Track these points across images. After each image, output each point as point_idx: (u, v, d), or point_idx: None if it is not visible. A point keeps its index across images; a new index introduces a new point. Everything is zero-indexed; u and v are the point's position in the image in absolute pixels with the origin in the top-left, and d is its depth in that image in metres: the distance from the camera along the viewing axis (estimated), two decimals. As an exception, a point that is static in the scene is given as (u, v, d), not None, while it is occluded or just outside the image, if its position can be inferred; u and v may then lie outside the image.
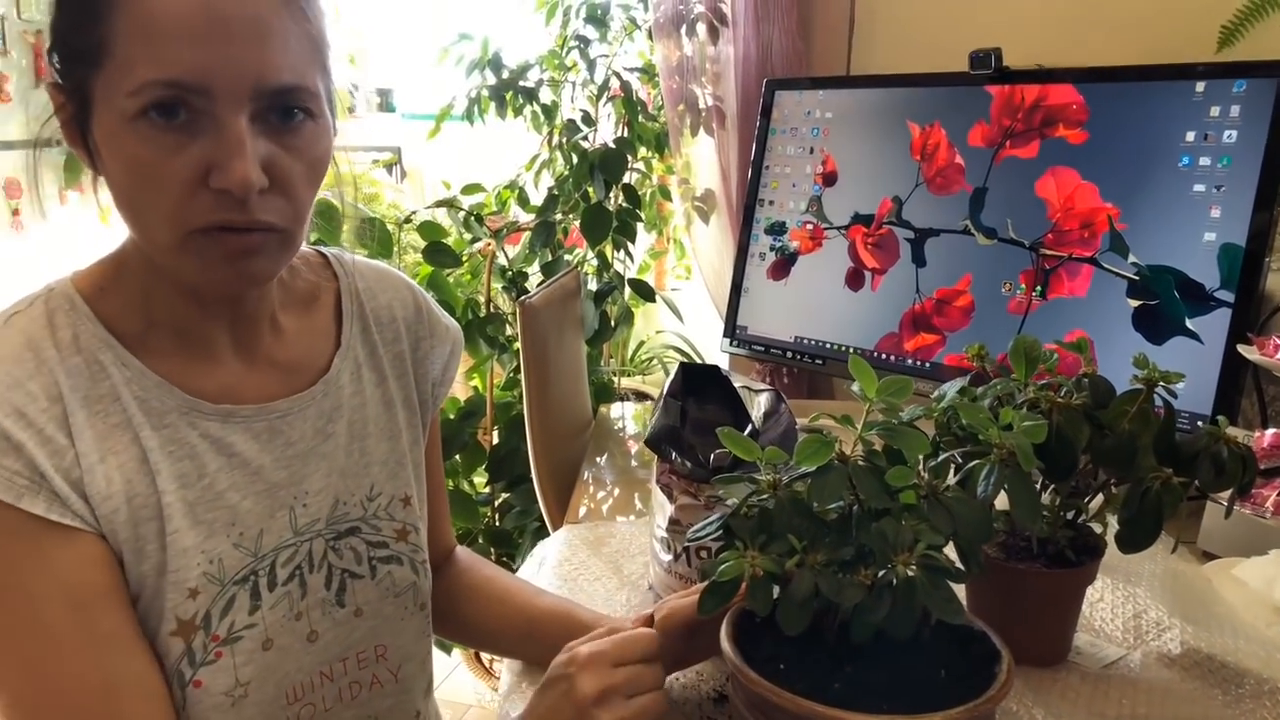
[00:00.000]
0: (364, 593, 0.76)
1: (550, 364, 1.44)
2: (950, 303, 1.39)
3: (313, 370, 0.76)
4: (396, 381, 0.81)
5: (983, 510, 0.69)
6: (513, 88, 2.03)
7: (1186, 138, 1.20)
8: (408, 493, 0.80)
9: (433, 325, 0.85)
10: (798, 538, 0.68)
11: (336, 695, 0.75)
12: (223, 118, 0.59)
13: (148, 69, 0.57)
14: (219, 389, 0.70)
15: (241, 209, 0.60)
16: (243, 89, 0.59)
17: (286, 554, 0.72)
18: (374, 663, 0.77)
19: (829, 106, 1.57)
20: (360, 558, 0.76)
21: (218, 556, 0.68)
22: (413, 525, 0.80)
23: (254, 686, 0.69)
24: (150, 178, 0.60)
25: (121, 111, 0.59)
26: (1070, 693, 0.83)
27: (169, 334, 0.69)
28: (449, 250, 1.71)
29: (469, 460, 1.94)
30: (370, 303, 0.81)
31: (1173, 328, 1.19)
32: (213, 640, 0.67)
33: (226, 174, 0.59)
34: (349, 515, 0.76)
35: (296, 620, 0.72)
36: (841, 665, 0.70)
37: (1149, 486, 0.78)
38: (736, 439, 0.72)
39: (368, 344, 0.80)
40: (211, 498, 0.68)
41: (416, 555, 0.80)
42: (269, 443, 0.72)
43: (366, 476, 0.78)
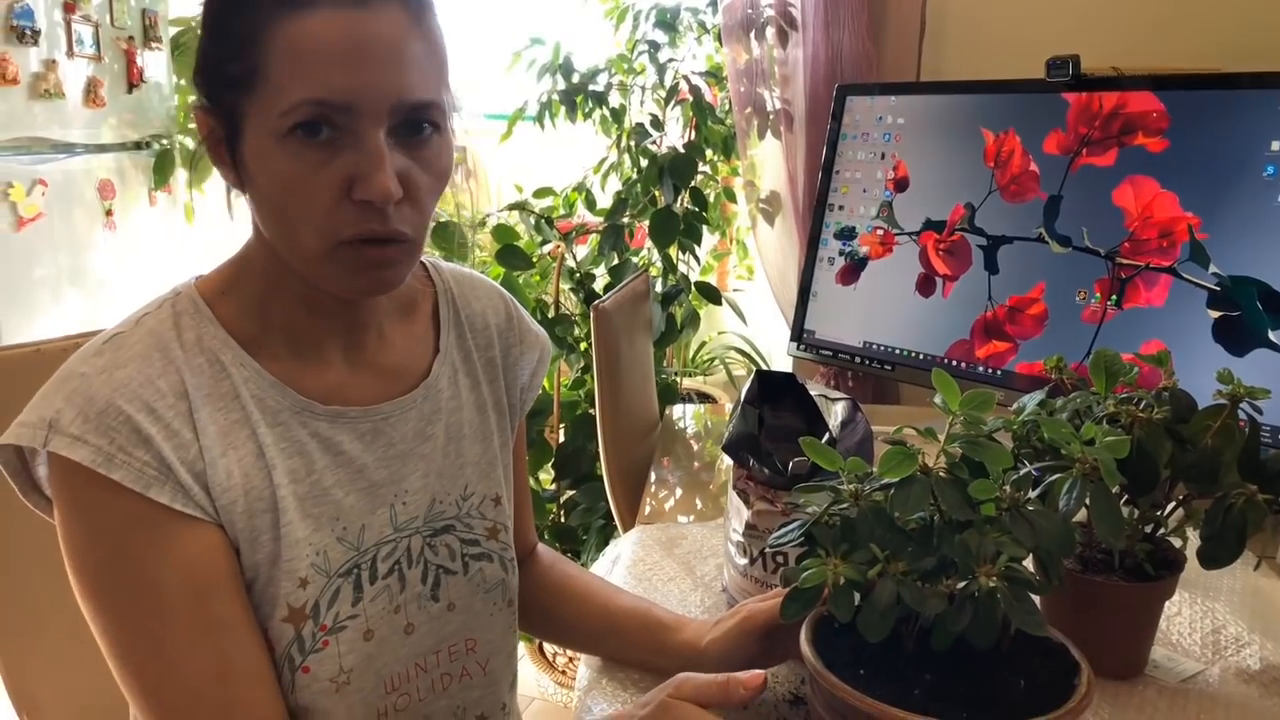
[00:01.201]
0: (456, 588, 0.80)
1: (621, 366, 1.47)
2: (1023, 310, 1.39)
3: (414, 375, 0.80)
4: (489, 386, 0.85)
5: (1065, 524, 0.69)
6: (583, 91, 2.06)
7: (1271, 147, 1.18)
8: (498, 493, 0.84)
9: (523, 332, 0.89)
10: (880, 547, 0.70)
11: (430, 686, 0.78)
12: (363, 133, 0.63)
13: (298, 90, 0.62)
14: (328, 391, 0.74)
15: (382, 220, 0.65)
16: (382, 106, 0.63)
17: (387, 549, 0.76)
18: (464, 655, 0.81)
19: (901, 112, 1.57)
20: (454, 554, 0.80)
21: (323, 549, 0.72)
22: (503, 524, 0.84)
23: (356, 675, 0.73)
24: (299, 191, 0.64)
25: (273, 130, 0.63)
26: (1147, 706, 0.83)
27: (283, 338, 0.73)
28: (520, 253, 1.75)
29: (536, 458, 1.98)
30: (465, 310, 0.85)
31: (1255, 339, 1.17)
32: (320, 629, 0.71)
33: (369, 186, 0.63)
34: (445, 514, 0.80)
35: (395, 613, 0.76)
36: (921, 673, 0.71)
37: (1232, 503, 0.78)
38: (818, 448, 0.74)
39: (463, 349, 0.84)
40: (319, 493, 0.72)
41: (505, 553, 0.83)
42: (372, 443, 0.75)
43: (461, 477, 0.81)
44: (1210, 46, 1.57)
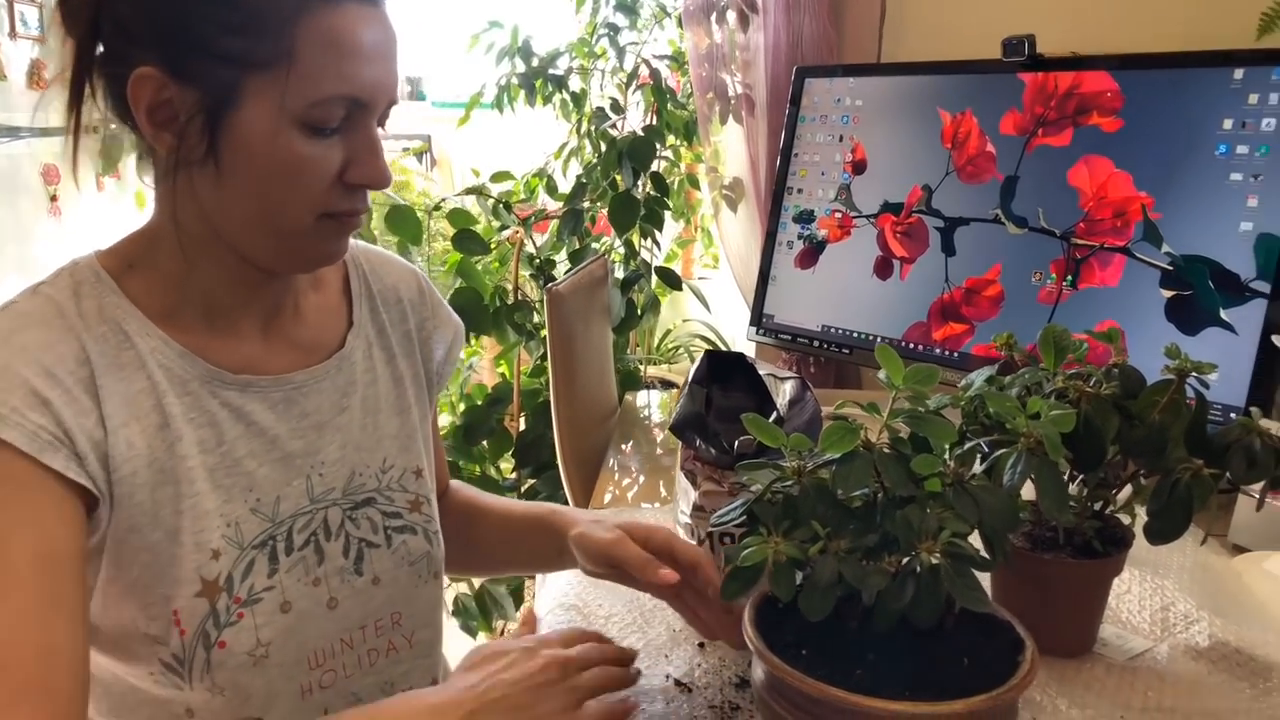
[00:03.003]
0: (380, 561, 0.79)
1: (577, 351, 1.45)
2: (980, 292, 1.38)
3: (328, 347, 0.80)
4: (405, 360, 0.86)
5: (1009, 499, 0.68)
6: (542, 75, 2.04)
7: (1224, 126, 1.18)
8: (419, 465, 0.84)
9: (435, 307, 0.90)
10: (821, 524, 0.68)
11: (356, 662, 0.78)
12: (365, 124, 0.68)
13: (334, 84, 0.65)
14: (240, 362, 0.74)
15: (365, 199, 0.71)
16: (384, 103, 0.69)
17: (303, 520, 0.75)
18: (390, 629, 0.80)
19: (859, 94, 1.56)
20: (376, 527, 0.80)
21: (235, 521, 0.71)
22: (425, 496, 0.84)
23: (275, 648, 0.72)
24: (301, 172, 0.67)
25: (293, 114, 0.65)
26: (1095, 684, 0.82)
27: (197, 312, 0.73)
28: (477, 237, 1.72)
29: (496, 446, 1.95)
30: (377, 284, 0.86)
31: (1206, 318, 1.17)
32: (235, 602, 0.70)
33: (370, 172, 0.68)
34: (365, 486, 0.80)
35: (315, 586, 0.75)
36: (864, 652, 0.70)
37: (1179, 478, 0.78)
38: (761, 425, 0.72)
39: (376, 323, 0.84)
40: (230, 464, 0.72)
41: (429, 526, 0.83)
42: (285, 413, 0.75)
43: (380, 450, 0.81)
44: (1167, 32, 1.57)
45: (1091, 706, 0.79)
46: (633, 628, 0.91)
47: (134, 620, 0.69)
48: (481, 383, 2.06)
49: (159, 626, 0.69)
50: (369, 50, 0.65)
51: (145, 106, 0.66)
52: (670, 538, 0.81)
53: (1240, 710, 0.79)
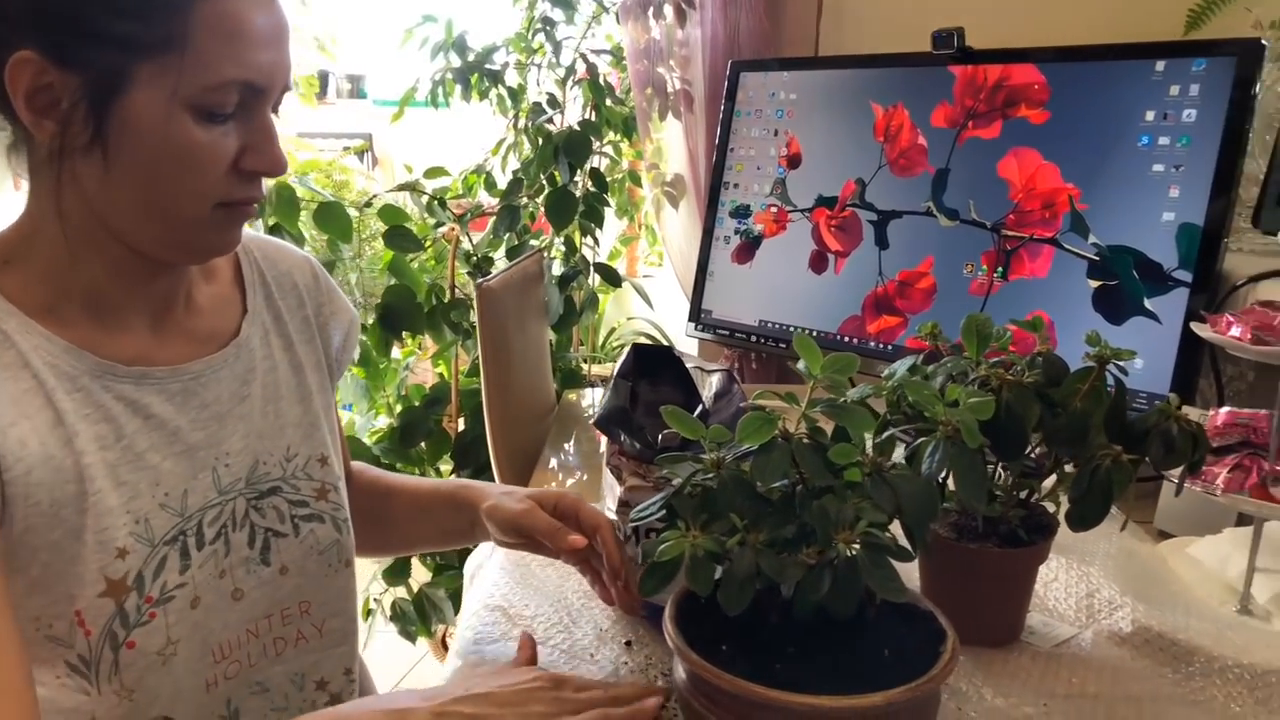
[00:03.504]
0: (288, 550, 0.78)
1: (510, 348, 1.42)
2: (912, 285, 1.39)
3: (223, 336, 0.78)
4: (305, 346, 0.84)
5: (928, 488, 0.68)
6: (478, 70, 2.01)
7: (1146, 117, 1.20)
8: (324, 453, 0.82)
9: (330, 294, 0.88)
10: (740, 517, 0.67)
11: (261, 651, 0.77)
12: (260, 110, 0.67)
13: (230, 69, 0.63)
14: (132, 354, 0.71)
15: (259, 187, 0.70)
16: (280, 88, 0.68)
17: (213, 513, 0.73)
18: (298, 618, 0.79)
19: (793, 88, 1.56)
20: (283, 516, 0.78)
21: (144, 517, 0.69)
22: (332, 484, 0.82)
23: (182, 644, 0.70)
24: (194, 159, 0.65)
25: (186, 100, 0.63)
26: (1021, 672, 0.82)
27: (80, 306, 0.70)
28: (410, 234, 1.68)
29: (434, 447, 1.92)
30: (270, 271, 0.84)
31: (1132, 308, 1.19)
32: (146, 601, 0.68)
33: (265, 159, 0.67)
34: (269, 475, 0.78)
35: (221, 578, 0.73)
36: (785, 646, 0.69)
37: (1099, 465, 0.78)
38: (680, 417, 0.71)
39: (273, 310, 0.83)
40: (132, 459, 0.69)
41: (338, 513, 0.82)
42: (184, 404, 0.73)
43: (282, 438, 0.80)
44: (1097, 28, 1.59)
45: (1016, 695, 0.78)
46: (558, 627, 0.90)
47: (36, 621, 0.67)
48: (419, 383, 2.02)
49: (62, 627, 0.67)
50: (263, 35, 0.64)
51: (24, 92, 0.63)
52: (577, 502, 0.84)
53: (1162, 695, 0.79)
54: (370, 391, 1.97)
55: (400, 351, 2.06)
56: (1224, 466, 0.87)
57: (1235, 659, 0.83)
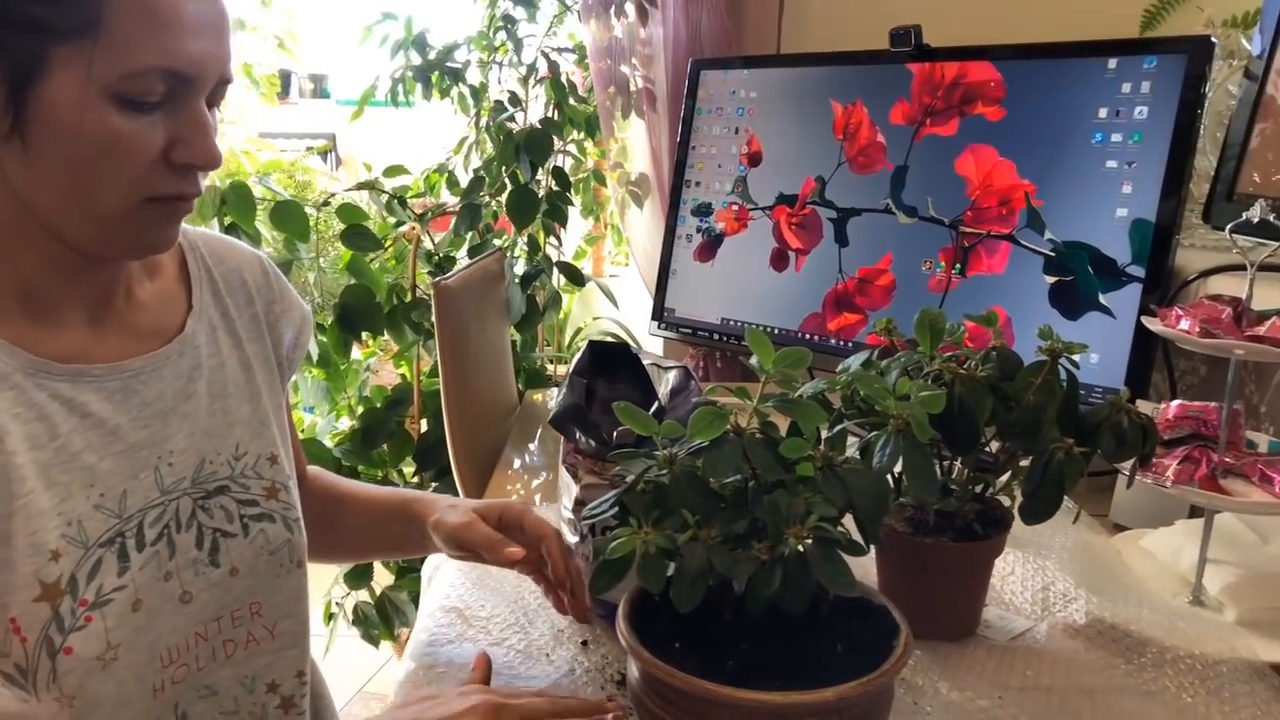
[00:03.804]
0: (238, 551, 0.76)
1: (470, 347, 1.41)
2: (872, 282, 1.39)
3: (166, 332, 0.76)
4: (254, 344, 0.82)
5: (879, 481, 0.68)
6: (439, 68, 1.99)
7: (1099, 114, 1.21)
8: (274, 451, 0.80)
9: (282, 291, 0.87)
10: (692, 513, 0.67)
11: (210, 654, 0.74)
12: (191, 101, 0.65)
13: (151, 56, 0.61)
14: (69, 351, 0.69)
15: (194, 182, 0.67)
16: (212, 79, 0.65)
17: (154, 514, 0.71)
18: (249, 620, 0.77)
19: (753, 86, 1.56)
20: (231, 516, 0.76)
21: (77, 519, 0.67)
22: (282, 483, 0.80)
23: (125, 649, 0.68)
24: (119, 150, 0.63)
25: (106, 87, 0.61)
26: (976, 665, 0.82)
27: (13, 301, 0.68)
28: (369, 233, 1.66)
29: (396, 449, 1.90)
30: (218, 268, 0.82)
31: (1087, 303, 1.20)
32: (81, 605, 0.66)
33: (196, 152, 0.65)
34: (216, 474, 0.76)
35: (166, 581, 0.71)
36: (739, 643, 0.68)
37: (1051, 458, 0.78)
38: (632, 413, 0.70)
39: (220, 307, 0.81)
40: (66, 459, 0.67)
41: (289, 513, 0.80)
42: (124, 403, 0.71)
43: (231, 436, 0.78)
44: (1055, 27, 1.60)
45: (971, 688, 0.79)
46: (514, 628, 0.89)
47: None
48: (381, 384, 2.00)
49: None
50: (190, 22, 0.62)
51: None
52: (523, 512, 0.84)
53: (1115, 686, 0.80)
54: (331, 393, 1.94)
55: (361, 353, 2.04)
56: (1174, 459, 0.88)
57: (1187, 649, 0.83)
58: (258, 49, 3.02)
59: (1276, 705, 0.77)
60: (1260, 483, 0.87)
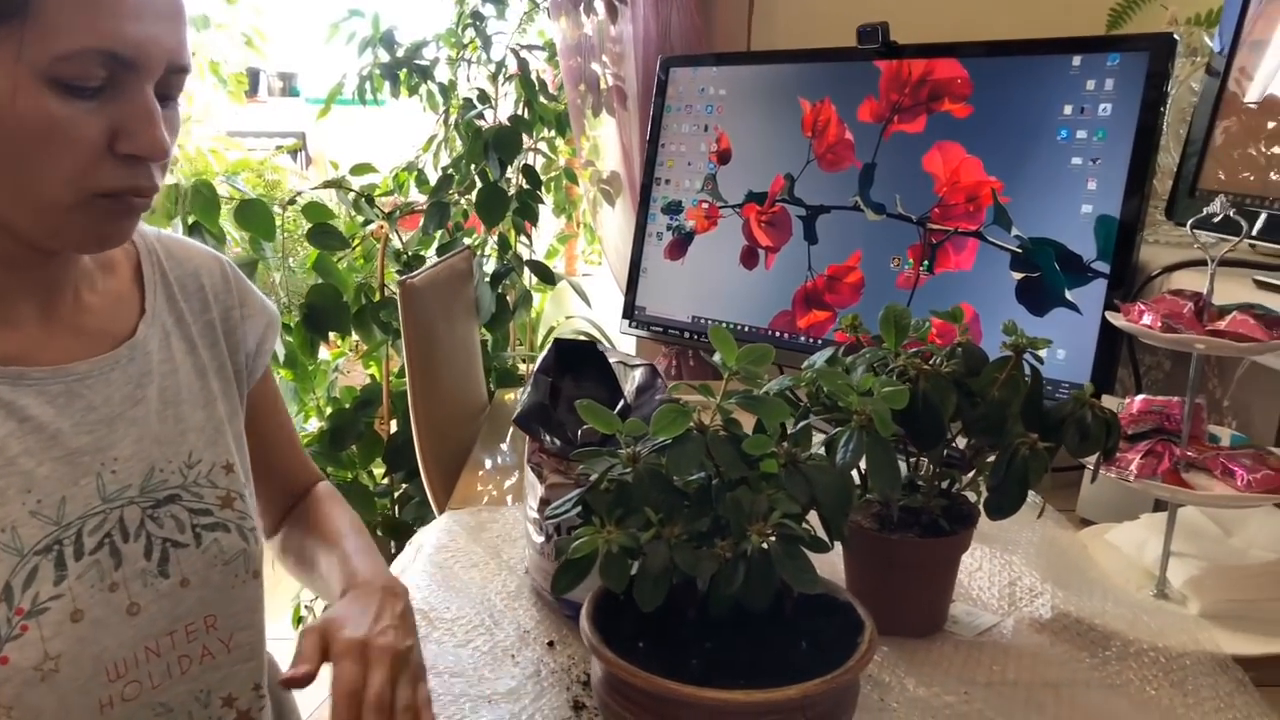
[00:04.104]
0: (189, 562, 0.73)
1: (437, 346, 1.39)
2: (841, 279, 1.39)
3: (116, 336, 0.74)
4: (209, 351, 0.80)
5: (843, 478, 0.67)
6: (406, 66, 1.97)
7: (1064, 111, 1.21)
8: (229, 460, 0.78)
9: (244, 296, 0.84)
10: (656, 511, 0.66)
11: (165, 671, 0.72)
12: (136, 89, 0.62)
13: (85, 36, 0.59)
14: (13, 352, 0.67)
15: (147, 175, 0.64)
16: (160, 65, 0.63)
17: (94, 522, 0.69)
18: (204, 634, 0.75)
19: (722, 83, 1.56)
20: (183, 526, 0.74)
21: (10, 525, 0.65)
22: (238, 492, 0.78)
23: (65, 661, 0.66)
24: (57, 138, 0.60)
25: (38, 70, 0.59)
26: (944, 661, 0.82)
27: None
28: (335, 232, 1.64)
29: (366, 450, 1.88)
30: (175, 271, 0.80)
31: (1053, 299, 1.20)
32: (16, 614, 0.64)
33: (140, 141, 0.62)
34: (167, 482, 0.74)
35: (111, 592, 0.69)
36: (703, 642, 0.68)
37: (1015, 453, 0.78)
38: (595, 411, 0.70)
39: (175, 311, 0.79)
40: (1, 464, 0.65)
41: (245, 522, 0.78)
42: (66, 407, 0.69)
43: (184, 443, 0.76)
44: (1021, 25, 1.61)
45: (938, 684, 0.79)
46: (480, 630, 0.88)
47: None
48: (350, 385, 1.98)
49: None
50: (131, 3, 0.60)
51: None
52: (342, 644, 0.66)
53: (1079, 680, 0.80)
54: (299, 394, 1.92)
55: (330, 353, 2.02)
56: (1137, 453, 0.88)
57: (1151, 643, 0.84)
58: (225, 46, 2.99)
59: (1239, 697, 0.77)
60: (1222, 476, 0.88)
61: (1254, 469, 0.86)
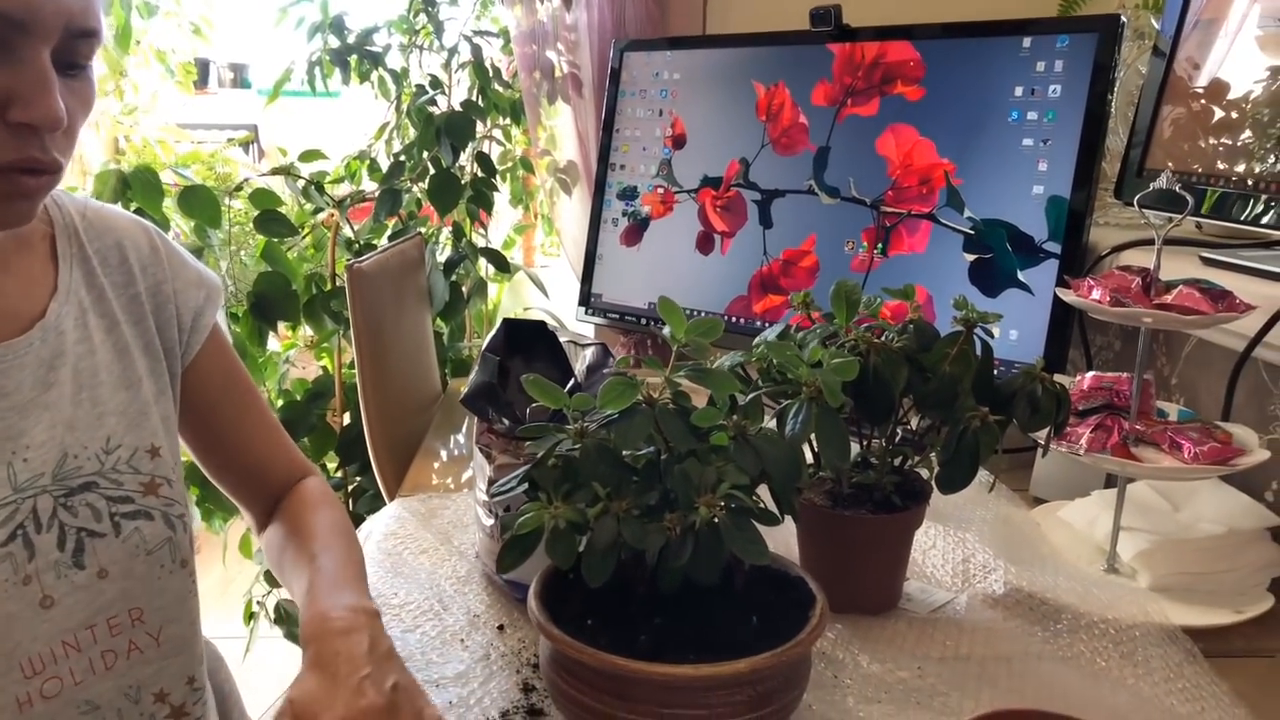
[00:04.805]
0: (108, 552, 0.70)
1: (387, 332, 1.37)
2: (796, 263, 1.39)
3: (26, 318, 0.70)
4: (134, 327, 0.76)
5: (791, 449, 0.66)
6: (357, 52, 1.93)
7: (1015, 92, 1.22)
8: (155, 443, 0.74)
9: (176, 267, 0.80)
10: (603, 485, 0.65)
11: (87, 667, 0.69)
12: (29, 52, 0.58)
13: None
14: None
15: (42, 147, 0.60)
16: (55, 27, 0.58)
17: (5, 513, 0.66)
18: (129, 628, 0.71)
19: (676, 67, 1.55)
20: (99, 514, 0.70)
21: None
22: (164, 478, 0.74)
23: None
24: None
25: None
26: (897, 638, 0.82)
27: None
28: (282, 219, 1.61)
29: (318, 443, 1.84)
30: (95, 244, 0.76)
31: (1006, 280, 1.21)
32: None
33: (33, 109, 0.58)
34: (82, 469, 0.70)
35: (25, 585, 0.66)
36: (653, 618, 0.66)
37: (966, 427, 0.78)
38: (541, 385, 0.68)
39: (93, 288, 0.74)
40: None
41: (171, 509, 0.74)
42: None
43: (101, 428, 0.72)
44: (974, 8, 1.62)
45: (891, 660, 0.78)
46: (429, 615, 0.86)
47: None
48: (302, 378, 1.94)
49: None
50: None
51: None
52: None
53: (1032, 653, 0.80)
54: (249, 387, 1.88)
55: (281, 344, 1.98)
56: (1087, 427, 0.89)
57: (1101, 615, 0.84)
58: (172, 34, 2.92)
59: (1189, 667, 0.78)
60: (1170, 449, 0.88)
61: (1201, 442, 0.87)
